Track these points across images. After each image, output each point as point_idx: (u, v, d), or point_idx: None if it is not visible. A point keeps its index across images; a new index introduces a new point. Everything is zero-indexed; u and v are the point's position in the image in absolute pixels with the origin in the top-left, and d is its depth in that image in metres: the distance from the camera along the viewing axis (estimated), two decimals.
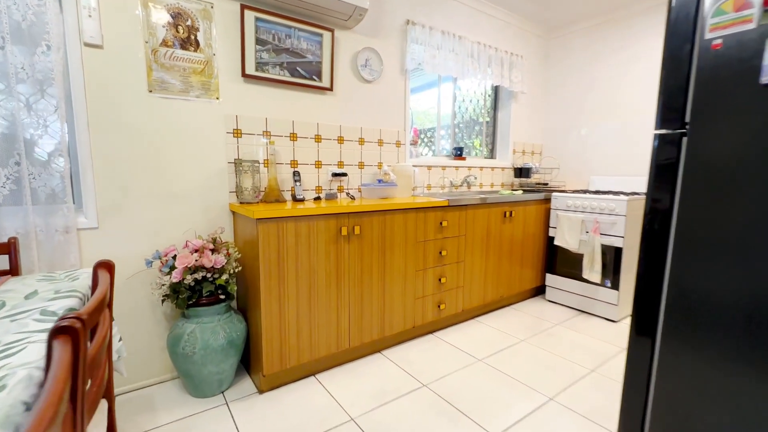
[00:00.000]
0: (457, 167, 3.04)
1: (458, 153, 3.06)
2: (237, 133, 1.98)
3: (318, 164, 2.30)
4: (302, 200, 2.10)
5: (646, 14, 2.90)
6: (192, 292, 1.66)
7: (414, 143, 2.81)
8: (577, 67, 3.37)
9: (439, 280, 2.35)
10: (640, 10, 2.93)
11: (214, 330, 1.67)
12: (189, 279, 1.61)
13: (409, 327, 2.24)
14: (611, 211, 2.60)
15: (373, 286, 2.05)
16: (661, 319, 1.18)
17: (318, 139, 2.28)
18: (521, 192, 3.05)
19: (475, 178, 3.08)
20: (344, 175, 2.33)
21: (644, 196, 2.80)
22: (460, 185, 3.05)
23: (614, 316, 2.64)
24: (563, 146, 3.53)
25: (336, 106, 2.34)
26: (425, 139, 3.15)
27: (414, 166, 2.68)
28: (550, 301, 3.04)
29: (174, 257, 1.66)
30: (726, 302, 1.03)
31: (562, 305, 2.96)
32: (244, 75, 1.95)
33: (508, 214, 2.71)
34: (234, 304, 2.06)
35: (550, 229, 2.98)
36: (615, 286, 2.62)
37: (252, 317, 1.81)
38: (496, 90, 3.44)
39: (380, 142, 2.56)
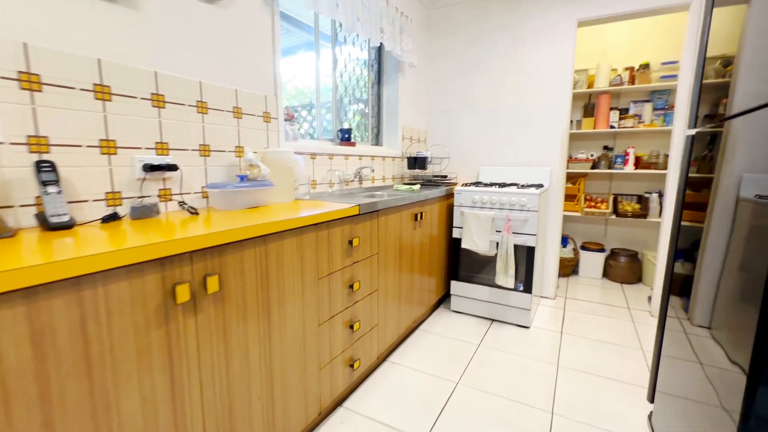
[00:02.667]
0: (346, 156, 2.24)
1: (346, 137, 2.27)
2: None
3: (108, 146, 1.13)
4: (68, 227, 0.94)
5: None
6: None
7: (290, 118, 1.86)
8: (462, 44, 3.02)
9: (351, 327, 1.55)
10: None
11: None
12: None
13: (313, 416, 1.37)
14: (522, 207, 2.31)
15: (252, 378, 1.09)
16: None
17: (104, 93, 1.11)
18: (419, 187, 2.50)
19: (372, 170, 2.36)
20: (171, 168, 1.24)
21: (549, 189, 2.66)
22: (352, 180, 2.28)
23: (527, 321, 2.39)
24: (448, 133, 3.16)
25: (145, 30, 1.20)
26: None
27: (295, 153, 1.75)
28: (455, 311, 2.63)
29: None
30: None
31: (471, 315, 2.58)
32: None
33: (419, 216, 2.10)
34: None
35: (454, 230, 2.54)
36: (527, 289, 2.36)
37: None
38: (380, 61, 2.77)
39: (237, 112, 1.53)
